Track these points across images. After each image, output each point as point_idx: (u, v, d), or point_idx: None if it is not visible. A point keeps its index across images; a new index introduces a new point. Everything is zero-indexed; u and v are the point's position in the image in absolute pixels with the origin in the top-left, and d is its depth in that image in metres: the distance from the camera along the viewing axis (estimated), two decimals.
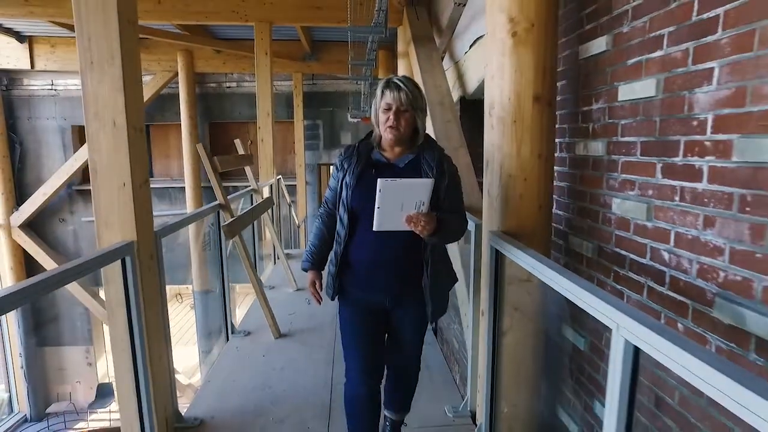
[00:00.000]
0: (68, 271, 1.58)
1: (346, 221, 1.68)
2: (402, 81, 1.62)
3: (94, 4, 1.74)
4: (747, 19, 1.20)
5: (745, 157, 1.22)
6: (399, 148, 1.70)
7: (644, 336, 0.97)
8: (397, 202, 1.49)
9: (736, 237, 1.25)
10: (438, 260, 1.74)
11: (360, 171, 1.67)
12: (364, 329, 1.78)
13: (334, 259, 1.75)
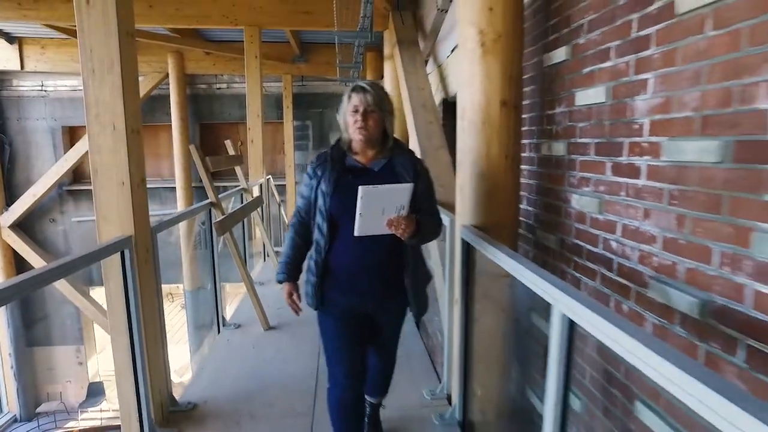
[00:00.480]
0: (73, 262, 1.73)
1: (325, 229, 1.68)
2: (367, 84, 1.66)
3: (95, 18, 1.89)
4: (672, 38, 1.39)
5: (671, 157, 1.40)
6: (371, 152, 1.71)
7: (577, 310, 1.14)
8: (379, 208, 1.52)
9: (666, 226, 1.44)
10: (416, 260, 1.78)
11: (336, 177, 1.67)
12: (348, 335, 1.78)
13: (314, 268, 1.73)
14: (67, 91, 9.42)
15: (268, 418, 2.37)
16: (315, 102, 9.63)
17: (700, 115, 1.29)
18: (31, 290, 1.53)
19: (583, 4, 1.89)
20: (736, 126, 1.17)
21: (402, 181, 1.64)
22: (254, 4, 5.35)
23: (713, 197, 1.26)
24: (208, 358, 3.07)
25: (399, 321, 1.91)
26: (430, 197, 1.78)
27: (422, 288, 1.83)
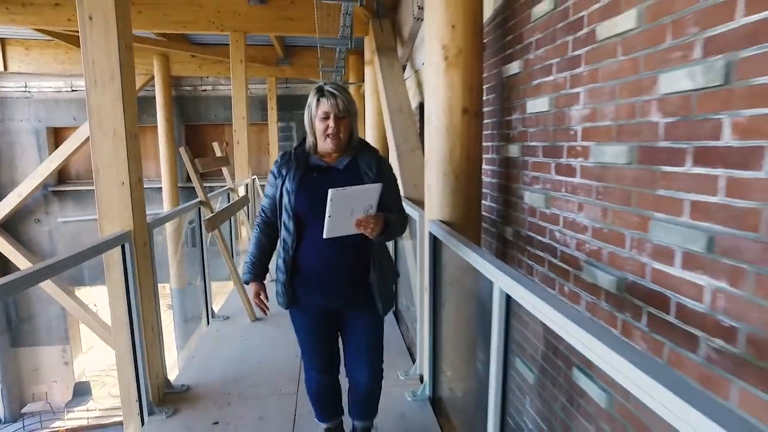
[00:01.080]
0: (80, 255, 1.94)
1: (292, 228, 1.67)
2: (335, 88, 1.64)
3: (97, 33, 2.10)
4: (595, 59, 1.66)
5: (597, 159, 1.67)
6: (336, 153, 1.72)
7: (512, 286, 1.40)
8: (348, 209, 1.53)
9: (594, 218, 1.71)
10: (382, 257, 1.79)
11: (301, 176, 1.67)
12: (318, 334, 1.83)
13: (282, 266, 1.73)
14: (52, 92, 9.49)
15: (256, 398, 2.60)
16: (299, 103, 9.84)
17: (615, 124, 1.56)
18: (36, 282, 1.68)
19: (531, 25, 2.15)
20: (639, 134, 1.44)
21: (366, 179, 1.67)
22: (239, 11, 5.54)
23: (625, 192, 1.53)
24: (199, 347, 3.28)
25: (373, 326, 1.86)
26: (395, 194, 1.81)
27: (388, 285, 1.83)
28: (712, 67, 1.16)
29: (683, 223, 1.28)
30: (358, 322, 1.83)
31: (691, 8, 1.23)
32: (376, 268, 1.74)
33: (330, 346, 1.87)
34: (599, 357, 0.95)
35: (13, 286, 1.53)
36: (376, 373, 1.91)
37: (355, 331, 1.85)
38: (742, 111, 1.09)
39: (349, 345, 1.89)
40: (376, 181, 1.63)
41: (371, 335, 1.87)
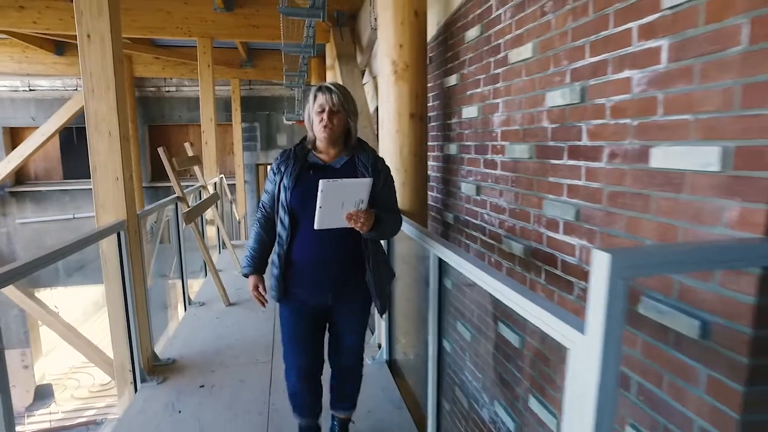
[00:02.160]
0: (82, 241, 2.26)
1: (287, 222, 1.72)
2: (333, 85, 1.72)
3: (95, 49, 2.42)
4: (508, 78, 2.14)
5: (510, 155, 2.15)
6: (334, 150, 1.77)
7: (441, 252, 1.85)
8: (338, 201, 1.56)
9: (510, 201, 2.19)
10: (378, 257, 1.83)
11: (298, 173, 1.72)
12: (304, 330, 1.84)
13: (276, 261, 1.78)
14: (8, 91, 9.39)
15: (236, 366, 2.97)
16: (262, 105, 10.11)
17: (521, 128, 2.05)
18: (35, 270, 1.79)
19: (465, 45, 2.63)
20: (536, 136, 1.93)
21: (360, 177, 1.71)
22: (206, 17, 5.83)
23: (528, 180, 2.01)
24: (180, 328, 3.61)
25: (359, 321, 1.92)
26: (390, 194, 1.85)
27: (385, 284, 1.87)
28: (574, 90, 1.65)
29: (563, 201, 1.77)
30: (347, 318, 1.88)
31: (563, 46, 1.72)
32: (371, 266, 1.78)
33: (314, 344, 1.88)
34: (499, 292, 1.41)
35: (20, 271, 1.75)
36: (355, 359, 1.99)
37: (342, 325, 1.90)
38: (591, 121, 1.58)
39: (334, 338, 1.92)
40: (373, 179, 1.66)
41: (358, 335, 1.94)
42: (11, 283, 1.65)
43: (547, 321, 1.07)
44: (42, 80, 9.42)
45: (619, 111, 1.45)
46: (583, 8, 1.60)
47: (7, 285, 1.66)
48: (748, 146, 1.05)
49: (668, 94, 1.26)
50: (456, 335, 2.92)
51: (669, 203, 1.28)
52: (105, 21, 2.44)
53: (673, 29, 1.24)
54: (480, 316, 2.59)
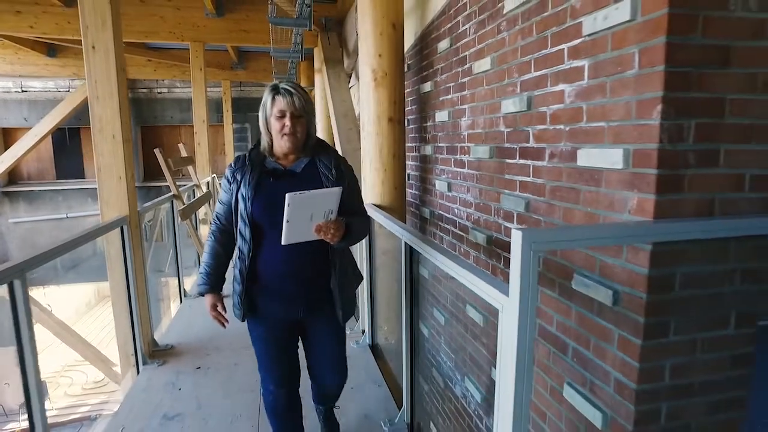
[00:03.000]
0: (90, 234, 2.49)
1: (248, 235, 1.61)
2: (291, 86, 1.59)
3: (99, 59, 2.65)
4: (473, 86, 2.40)
5: (475, 155, 2.42)
6: (293, 155, 1.66)
7: (410, 239, 2.11)
8: (306, 214, 1.47)
9: (476, 196, 2.46)
10: (344, 262, 1.75)
11: (257, 181, 1.61)
12: (277, 345, 1.76)
13: (238, 276, 1.66)
14: (1, 92, 9.51)
15: (229, 351, 3.21)
16: (253, 106, 10.33)
17: (483, 131, 2.31)
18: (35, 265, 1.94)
19: (438, 56, 2.89)
20: (495, 138, 2.19)
21: (325, 181, 1.63)
22: (198, 23, 6.04)
23: (490, 177, 2.28)
24: (176, 318, 3.84)
25: (335, 331, 1.83)
26: (355, 195, 1.77)
27: (349, 290, 1.80)
28: (523, 99, 1.91)
29: (516, 195, 2.03)
30: (321, 329, 1.80)
31: (514, 61, 1.99)
32: (337, 273, 1.70)
33: (289, 356, 1.80)
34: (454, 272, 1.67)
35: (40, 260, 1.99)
36: (342, 376, 1.91)
37: (318, 338, 1.82)
38: (536, 126, 1.85)
39: (313, 353, 1.85)
40: (336, 183, 1.60)
41: (334, 341, 1.84)
42: (32, 270, 1.87)
43: (483, 288, 1.34)
44: (34, 81, 9.55)
45: (556, 118, 1.72)
46: (529, 29, 1.87)
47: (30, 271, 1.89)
48: (641, 149, 1.32)
49: (590, 105, 1.53)
50: (433, 321, 3.18)
51: (592, 195, 1.55)
52: (109, 33, 2.68)
53: (591, 52, 1.51)
54: (453, 302, 2.85)
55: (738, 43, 1.27)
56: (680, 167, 1.29)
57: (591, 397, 1.58)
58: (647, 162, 1.31)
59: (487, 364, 2.39)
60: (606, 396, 1.51)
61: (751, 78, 1.29)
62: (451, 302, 2.89)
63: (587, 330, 1.59)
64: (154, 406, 2.53)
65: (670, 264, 1.33)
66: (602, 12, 1.44)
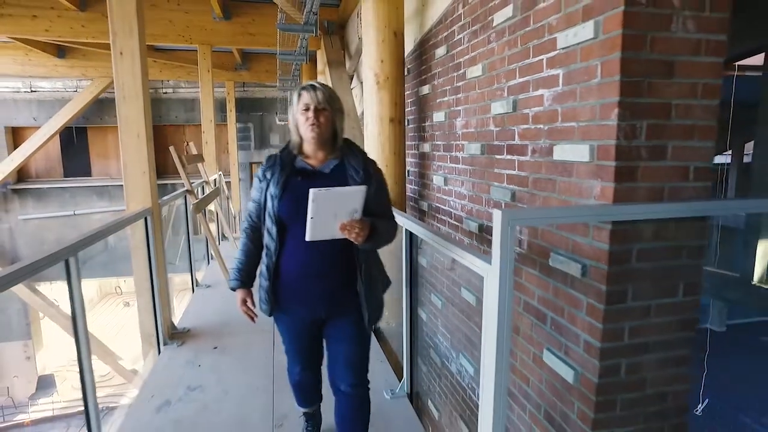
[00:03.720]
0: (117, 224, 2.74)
1: (274, 233, 1.64)
2: (317, 83, 1.64)
3: (126, 64, 2.91)
4: (467, 90, 2.67)
5: (468, 152, 2.69)
6: (322, 153, 1.68)
7: (411, 226, 2.38)
8: (331, 211, 1.47)
9: (469, 189, 2.72)
10: (371, 264, 1.74)
11: (285, 180, 1.64)
12: (300, 338, 1.83)
13: (265, 272, 1.70)
14: (10, 92, 9.75)
15: (244, 333, 3.47)
16: (256, 106, 10.59)
17: (476, 131, 2.58)
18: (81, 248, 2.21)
19: (435, 61, 3.15)
20: (486, 137, 2.46)
21: (352, 183, 1.62)
22: (206, 26, 6.30)
23: (481, 171, 2.54)
24: (190, 305, 4.10)
25: (357, 334, 1.79)
26: (384, 199, 1.75)
27: (376, 293, 1.78)
28: (509, 102, 2.18)
29: (503, 187, 2.30)
30: (342, 332, 1.77)
31: (502, 68, 2.25)
32: (363, 276, 1.69)
33: (314, 346, 1.87)
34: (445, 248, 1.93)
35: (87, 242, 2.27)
36: (361, 385, 1.83)
37: (339, 341, 1.79)
38: (520, 126, 2.12)
39: (332, 354, 1.83)
40: (362, 184, 1.56)
41: (356, 347, 1.80)
42: (82, 249, 2.11)
43: (471, 260, 1.60)
44: (43, 82, 9.80)
45: (537, 119, 1.98)
46: (514, 41, 2.14)
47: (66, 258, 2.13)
48: (603, 144, 1.59)
49: (563, 108, 1.80)
50: (431, 306, 3.45)
51: (565, 185, 1.81)
52: (135, 40, 2.93)
53: (564, 63, 1.77)
54: (449, 286, 3.12)
55: (680, 58, 1.54)
56: (634, 160, 1.56)
57: (565, 358, 1.85)
58: (607, 156, 1.57)
59: (479, 340, 2.66)
60: (577, 356, 1.77)
61: (692, 86, 1.56)
62: (447, 287, 3.16)
63: (562, 300, 1.86)
64: (178, 379, 2.79)
65: (627, 241, 1.59)
66: (573, 29, 1.70)
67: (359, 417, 1.88)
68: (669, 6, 1.51)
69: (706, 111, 1.59)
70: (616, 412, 1.72)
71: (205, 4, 6.14)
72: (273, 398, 2.57)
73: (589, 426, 1.72)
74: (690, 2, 1.52)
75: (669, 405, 1.78)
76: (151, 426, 2.34)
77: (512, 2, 2.13)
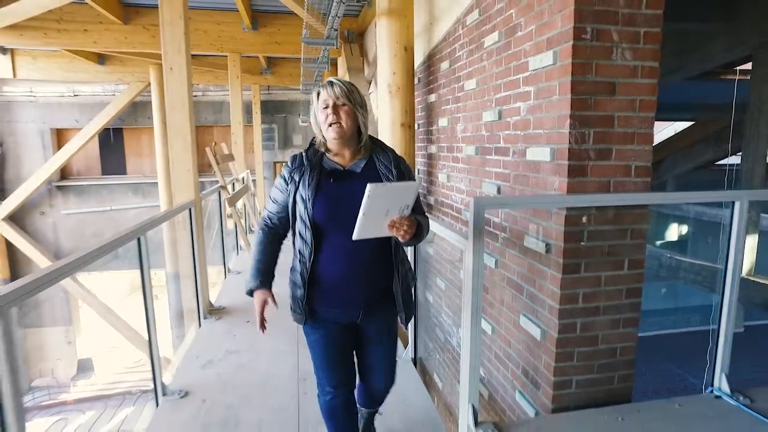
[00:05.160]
0: (170, 212, 3.26)
1: (309, 238, 1.57)
2: (335, 79, 1.59)
3: (176, 78, 3.43)
4: (465, 99, 3.11)
5: (465, 153, 3.12)
6: (348, 152, 1.64)
7: None
8: (383, 208, 1.41)
9: (467, 184, 3.16)
10: (402, 263, 1.73)
11: (317, 182, 1.58)
12: (334, 348, 1.72)
13: (300, 281, 1.64)
14: (55, 96, 10.53)
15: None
16: (280, 108, 11.16)
17: (471, 135, 3.02)
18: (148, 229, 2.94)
19: (441, 73, 3.60)
20: (479, 140, 2.90)
21: (385, 181, 1.59)
22: (236, 36, 6.85)
23: (475, 169, 2.98)
24: (223, 288, 4.63)
25: (390, 335, 1.81)
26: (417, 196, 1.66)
27: (409, 291, 1.78)
28: (496, 112, 2.61)
29: (492, 182, 2.73)
30: (378, 331, 1.78)
31: (491, 83, 2.69)
32: (400, 276, 1.68)
33: (346, 360, 1.78)
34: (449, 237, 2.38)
35: (150, 226, 2.79)
36: (391, 379, 1.90)
37: (374, 340, 1.79)
38: (504, 131, 2.55)
39: (367, 355, 1.83)
40: None
41: (388, 343, 1.82)
42: (140, 236, 2.61)
43: (454, 238, 2.06)
44: (84, 86, 10.55)
45: (516, 126, 2.41)
46: (500, 61, 2.57)
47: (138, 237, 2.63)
48: (560, 148, 2.02)
49: (534, 118, 2.23)
50: (436, 289, 3.89)
51: (535, 180, 2.24)
52: (182, 57, 3.46)
53: (534, 82, 2.20)
54: (451, 270, 3.56)
55: (620, 80, 1.96)
56: (584, 160, 1.99)
57: (535, 320, 2.28)
58: (563, 156, 2.00)
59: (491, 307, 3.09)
60: (543, 317, 2.20)
61: (631, 102, 1.98)
62: (450, 271, 3.60)
63: (534, 274, 2.29)
64: (218, 344, 3.30)
65: (579, 224, 2.02)
66: (540, 56, 2.14)
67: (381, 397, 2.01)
68: (609, 40, 1.93)
69: (644, 121, 2.01)
70: (573, 362, 2.15)
71: (235, 16, 6.69)
72: (298, 358, 3.06)
73: (552, 373, 2.15)
74: (627, 37, 1.94)
75: (618, 359, 2.20)
76: (200, 377, 2.85)
77: (498, 29, 2.56)
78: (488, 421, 2.02)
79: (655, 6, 1.94)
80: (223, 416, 2.43)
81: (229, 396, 2.63)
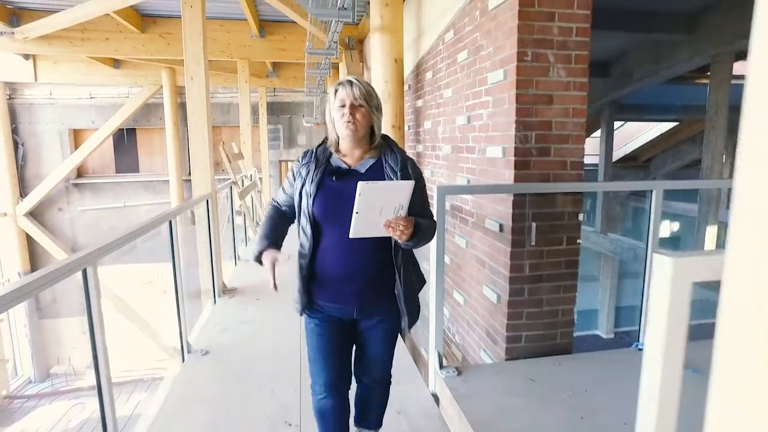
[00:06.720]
0: (188, 204, 3.79)
1: (309, 232, 1.61)
2: (355, 78, 1.59)
3: (196, 86, 3.95)
4: (444, 106, 3.62)
5: (443, 152, 3.63)
6: (358, 152, 1.64)
7: None
8: (377, 206, 1.42)
9: (446, 178, 3.66)
10: (408, 264, 1.70)
11: (320, 179, 1.61)
12: (331, 343, 1.72)
13: (299, 272, 1.68)
14: (74, 99, 11.11)
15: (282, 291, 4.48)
16: (285, 109, 11.69)
17: (449, 136, 3.53)
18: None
19: (425, 81, 4.11)
20: (454, 141, 3.40)
21: None
22: (244, 43, 7.37)
23: (452, 165, 3.49)
24: (235, 272, 5.16)
25: (389, 335, 1.78)
26: (423, 198, 1.70)
27: (414, 294, 1.75)
28: (466, 117, 3.12)
29: (463, 176, 3.24)
30: (374, 335, 1.76)
31: (462, 93, 3.19)
32: (402, 278, 1.66)
33: (342, 358, 1.76)
34: None
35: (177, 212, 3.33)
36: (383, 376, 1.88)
37: (369, 342, 1.78)
38: (472, 133, 3.06)
39: (362, 353, 1.82)
40: None
41: (386, 347, 1.81)
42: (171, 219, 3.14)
43: None
44: (101, 89, 11.12)
45: (480, 129, 2.92)
46: (468, 74, 3.08)
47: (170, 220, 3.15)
48: (509, 147, 2.52)
49: (492, 122, 2.74)
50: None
51: (493, 173, 2.75)
52: (201, 67, 3.98)
53: (492, 93, 2.71)
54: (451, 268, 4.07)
55: (557, 92, 2.46)
56: (528, 157, 2.49)
57: (493, 288, 2.78)
58: (511, 154, 2.51)
59: (464, 282, 3.60)
60: (499, 285, 2.71)
61: (565, 110, 2.49)
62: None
63: (492, 250, 2.80)
64: (231, 316, 3.83)
65: (524, 207, 2.53)
66: (495, 73, 2.64)
67: (378, 403, 1.95)
68: (546, 61, 2.43)
69: (576, 125, 2.52)
70: (522, 320, 2.66)
71: (244, 25, 7.21)
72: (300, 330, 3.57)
73: (505, 329, 2.66)
74: (561, 59, 2.44)
75: (560, 319, 2.70)
76: (218, 340, 3.37)
77: (467, 48, 3.08)
78: (451, 365, 2.53)
79: (583, 34, 2.45)
80: (239, 368, 2.95)
81: (244, 354, 3.15)
